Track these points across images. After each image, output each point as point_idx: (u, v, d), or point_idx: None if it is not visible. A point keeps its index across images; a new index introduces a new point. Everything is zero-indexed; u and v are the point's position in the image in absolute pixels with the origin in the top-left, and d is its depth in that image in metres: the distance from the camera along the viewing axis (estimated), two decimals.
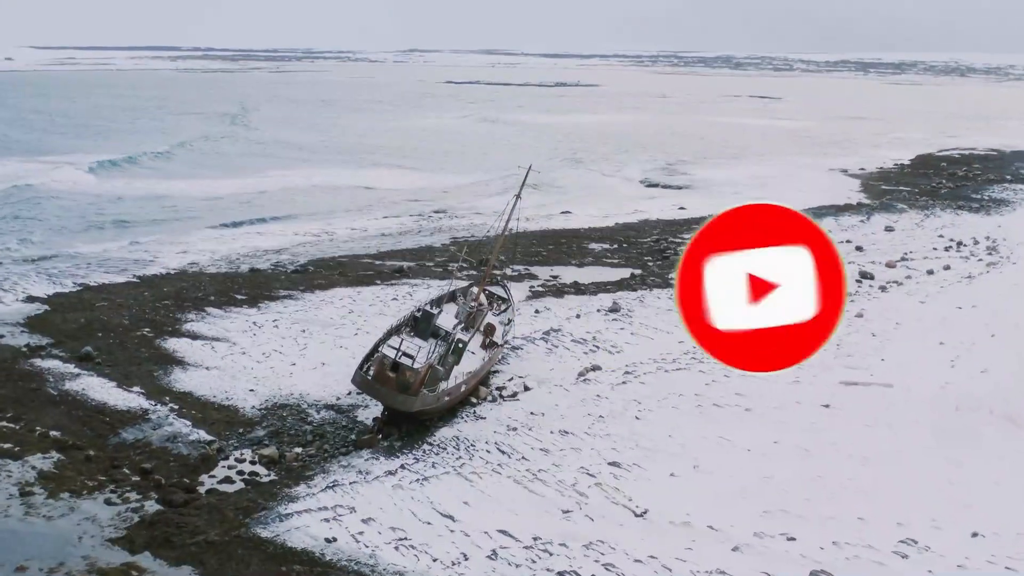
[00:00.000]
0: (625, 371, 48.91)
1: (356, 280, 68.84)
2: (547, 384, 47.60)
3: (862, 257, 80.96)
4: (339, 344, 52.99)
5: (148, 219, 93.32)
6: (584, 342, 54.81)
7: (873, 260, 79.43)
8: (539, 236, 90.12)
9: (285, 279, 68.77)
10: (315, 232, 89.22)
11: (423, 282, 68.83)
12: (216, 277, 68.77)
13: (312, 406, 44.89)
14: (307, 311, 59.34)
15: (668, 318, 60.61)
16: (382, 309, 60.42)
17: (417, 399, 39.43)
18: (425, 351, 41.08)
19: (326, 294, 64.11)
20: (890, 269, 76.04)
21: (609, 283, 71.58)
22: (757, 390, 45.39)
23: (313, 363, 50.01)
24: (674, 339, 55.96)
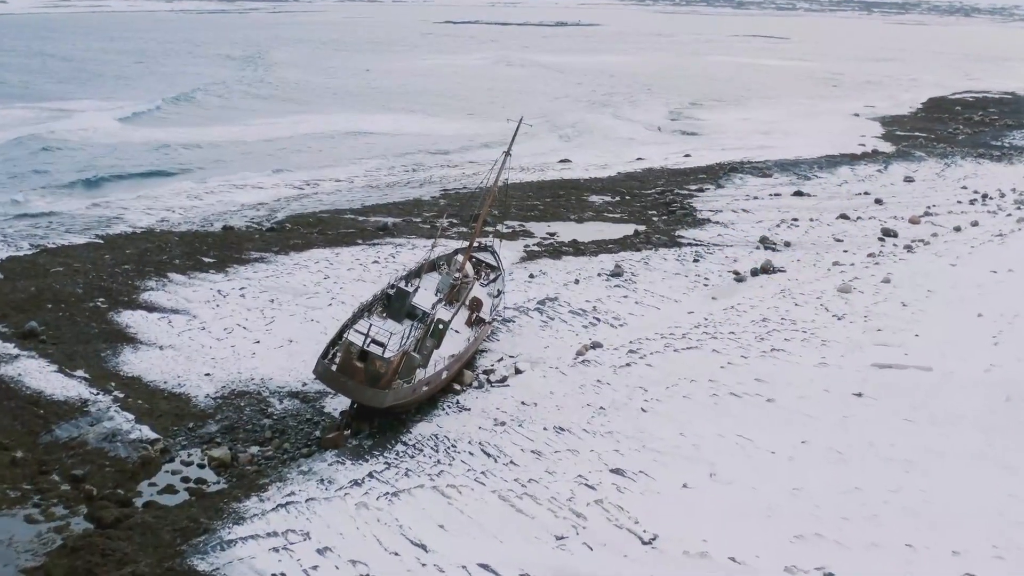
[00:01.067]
0: (629, 349, 43.16)
1: (335, 240, 62.81)
2: (541, 365, 41.89)
3: (883, 212, 74.81)
4: (310, 317, 47.20)
5: (130, 171, 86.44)
6: (583, 313, 48.97)
7: (895, 215, 73.28)
8: (536, 187, 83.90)
9: (259, 239, 62.75)
10: (298, 184, 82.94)
11: (408, 241, 62.85)
12: (185, 237, 62.77)
13: (274, 394, 39.26)
14: (278, 277, 53.43)
15: (676, 283, 54.80)
16: (361, 274, 54.53)
17: (389, 393, 33.78)
18: (399, 336, 35.26)
19: (301, 256, 58.14)
20: (914, 225, 69.94)
21: (611, 242, 65.54)
22: (779, 374, 39.71)
23: (279, 340, 44.28)
24: (683, 309, 50.25)
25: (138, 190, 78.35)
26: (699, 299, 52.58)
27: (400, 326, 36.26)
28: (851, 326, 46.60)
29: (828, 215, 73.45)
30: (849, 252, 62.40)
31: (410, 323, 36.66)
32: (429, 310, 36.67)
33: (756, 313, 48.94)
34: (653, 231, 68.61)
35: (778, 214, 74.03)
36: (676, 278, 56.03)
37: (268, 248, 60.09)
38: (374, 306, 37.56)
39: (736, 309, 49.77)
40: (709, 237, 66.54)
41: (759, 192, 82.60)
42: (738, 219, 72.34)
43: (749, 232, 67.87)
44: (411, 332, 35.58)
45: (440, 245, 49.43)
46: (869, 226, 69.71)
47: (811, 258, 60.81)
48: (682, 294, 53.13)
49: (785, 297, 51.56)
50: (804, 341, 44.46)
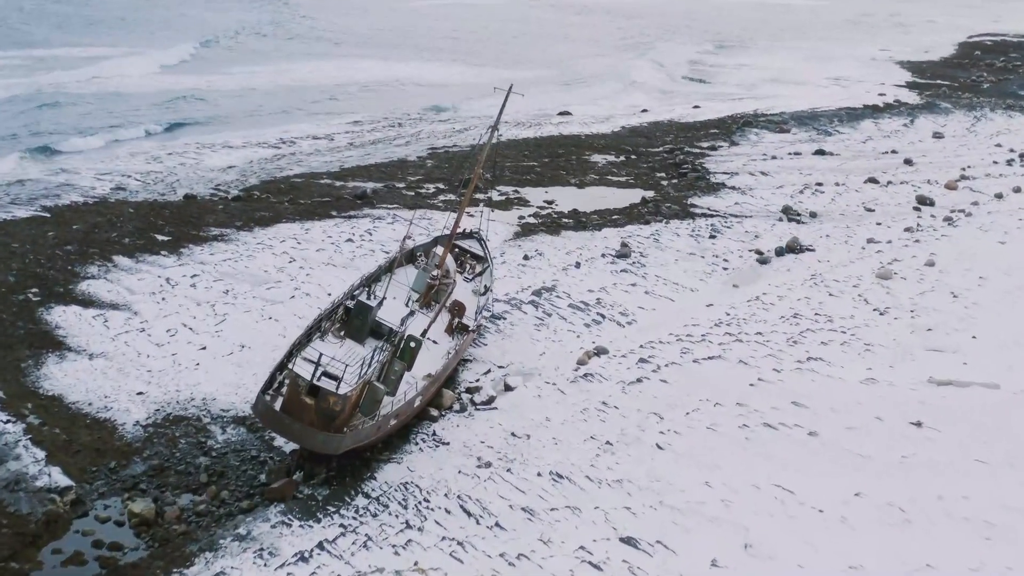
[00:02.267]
0: (640, 358, 36.48)
1: (307, 211, 55.75)
2: (535, 380, 35.28)
3: (915, 174, 67.62)
4: (268, 314, 40.42)
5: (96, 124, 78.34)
6: (585, 308, 42.20)
7: (928, 179, 66.11)
8: (532, 145, 76.54)
9: (222, 210, 55.66)
10: (274, 142, 75.43)
11: (388, 214, 55.79)
12: (141, 208, 55.62)
13: (216, 420, 32.68)
14: (237, 260, 46.49)
15: (691, 266, 47.94)
16: (331, 256, 47.62)
17: (345, 437, 27.21)
18: (360, 362, 28.49)
19: (266, 233, 51.14)
20: (951, 192, 62.84)
21: (616, 212, 58.53)
22: (819, 394, 33.08)
23: (229, 346, 37.57)
24: (700, 300, 43.49)
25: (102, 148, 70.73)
26: (718, 287, 45.80)
27: (361, 348, 29.52)
28: (896, 324, 39.90)
29: (855, 179, 66.30)
30: (883, 225, 55.46)
31: (375, 344, 29.88)
32: (397, 327, 29.83)
33: (785, 306, 42.20)
34: (663, 199, 61.52)
35: (800, 177, 66.85)
36: (691, 259, 49.14)
37: (231, 222, 53.07)
38: (330, 322, 30.61)
39: (762, 301, 43.00)
40: (725, 206, 59.47)
41: (777, 151, 75.29)
42: (756, 184, 65.16)
43: (770, 200, 60.78)
44: (375, 356, 28.82)
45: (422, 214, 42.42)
46: (902, 193, 62.62)
47: (841, 233, 53.87)
48: (698, 280, 46.31)
49: (817, 285, 44.73)
50: (844, 345, 37.78)
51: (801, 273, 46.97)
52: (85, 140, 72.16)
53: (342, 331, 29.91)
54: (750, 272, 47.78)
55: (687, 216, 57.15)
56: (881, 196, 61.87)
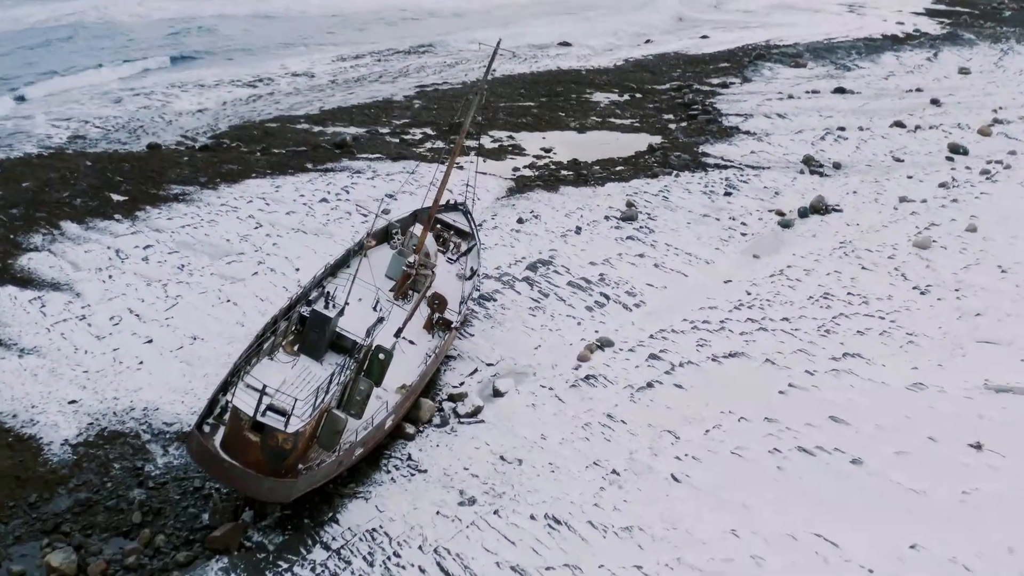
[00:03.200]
0: (650, 354, 31.50)
1: (280, 164, 50.08)
2: (529, 382, 30.33)
3: (943, 117, 61.75)
4: (226, 295, 35.22)
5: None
6: (587, 285, 37.03)
7: (959, 122, 60.29)
8: (529, 82, 70.38)
9: (187, 163, 49.98)
10: (251, 80, 69.10)
11: (369, 166, 50.20)
12: (100, 161, 49.80)
13: (158, 437, 27.77)
14: (197, 226, 41.09)
15: (705, 231, 42.64)
16: (302, 220, 42.22)
17: (298, 482, 22.34)
18: (317, 387, 23.39)
19: (232, 191, 45.58)
20: (985, 138, 57.16)
21: (620, 162, 52.95)
22: (861, 406, 28.20)
23: (179, 338, 32.46)
24: (717, 274, 38.35)
25: (68, 91, 64.42)
26: (736, 257, 40.56)
27: (319, 367, 24.42)
28: (941, 307, 34.90)
29: (880, 121, 60.48)
30: (915, 179, 49.97)
31: (336, 361, 24.74)
32: (363, 339, 24.65)
33: (814, 283, 37.11)
34: (671, 146, 55.85)
35: (820, 120, 60.99)
36: (705, 223, 43.80)
37: (195, 178, 47.48)
38: (280, 334, 25.33)
39: (786, 276, 37.87)
40: (741, 155, 53.82)
41: (794, 88, 69.19)
42: (773, 128, 59.34)
43: (789, 148, 55.09)
44: (336, 377, 23.75)
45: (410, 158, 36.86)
46: (931, 139, 56.90)
47: (870, 189, 48.42)
48: (714, 249, 41.04)
49: (848, 256, 39.55)
50: (885, 336, 32.80)
51: (829, 240, 41.73)
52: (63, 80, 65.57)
53: (296, 345, 24.77)
54: (771, 239, 42.48)
55: (699, 167, 51.59)
56: (910, 143, 56.19)
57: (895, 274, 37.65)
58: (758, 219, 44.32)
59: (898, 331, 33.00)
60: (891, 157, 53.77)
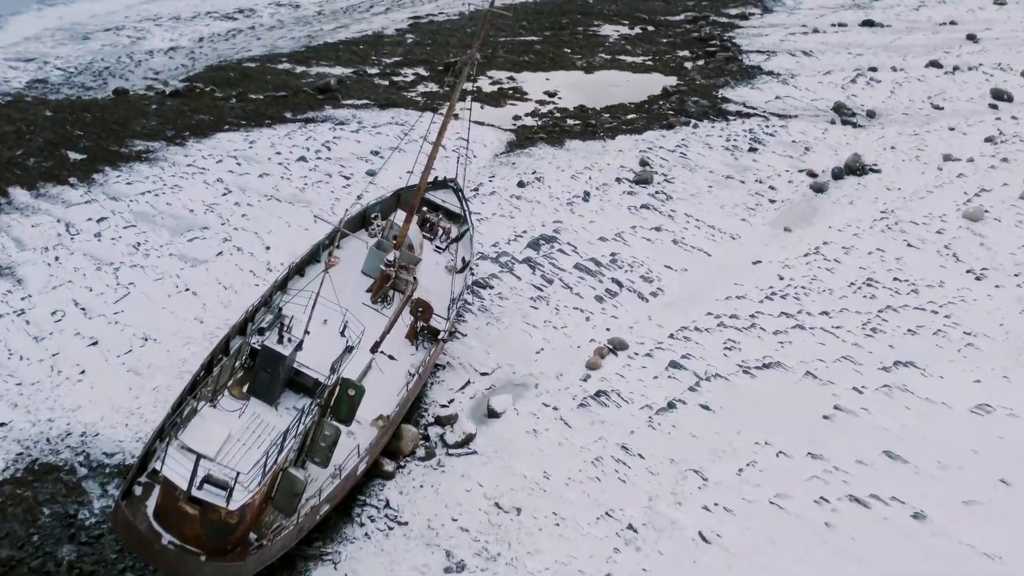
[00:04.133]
0: (671, 362, 26.88)
1: (255, 114, 44.80)
2: (530, 397, 25.77)
3: (982, 55, 55.91)
4: (185, 283, 30.40)
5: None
6: (597, 269, 32.21)
7: (999, 62, 54.51)
8: (532, 11, 64.32)
9: (155, 112, 44.68)
10: (231, 12, 63.18)
11: (354, 116, 44.94)
12: (60, 110, 44.47)
13: (96, 472, 23.38)
14: (159, 193, 36.04)
15: (729, 197, 37.68)
16: (277, 185, 37.19)
17: (247, 565, 17.96)
18: (269, 443, 18.83)
19: (201, 148, 40.41)
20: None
21: (631, 109, 47.59)
22: (919, 434, 23.71)
23: (128, 339, 27.76)
24: (744, 252, 33.52)
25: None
26: (766, 230, 35.66)
27: (273, 414, 19.80)
28: (1000, 296, 30.23)
29: (913, 60, 54.72)
30: (957, 131, 44.66)
31: (294, 403, 20.12)
32: (326, 377, 19.96)
33: (854, 264, 32.34)
34: (688, 88, 50.35)
35: (849, 59, 55.22)
36: (728, 186, 38.75)
37: (161, 131, 42.27)
38: (224, 372, 20.56)
39: (823, 255, 33.06)
40: (765, 101, 48.37)
41: (818, 20, 63.10)
42: (799, 68, 53.64)
43: (817, 93, 49.57)
44: (294, 429, 19.17)
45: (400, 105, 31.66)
46: (972, 82, 51.28)
47: (909, 144, 43.16)
48: (740, 220, 36.09)
49: (891, 229, 34.68)
50: (939, 336, 28.17)
51: (868, 208, 36.76)
52: None
53: (245, 385, 20.11)
54: (804, 206, 37.49)
55: (719, 116, 46.22)
56: (948, 87, 50.62)
57: (945, 253, 32.85)
58: (787, 182, 39.24)
59: (954, 329, 28.35)
60: (929, 104, 48.32)
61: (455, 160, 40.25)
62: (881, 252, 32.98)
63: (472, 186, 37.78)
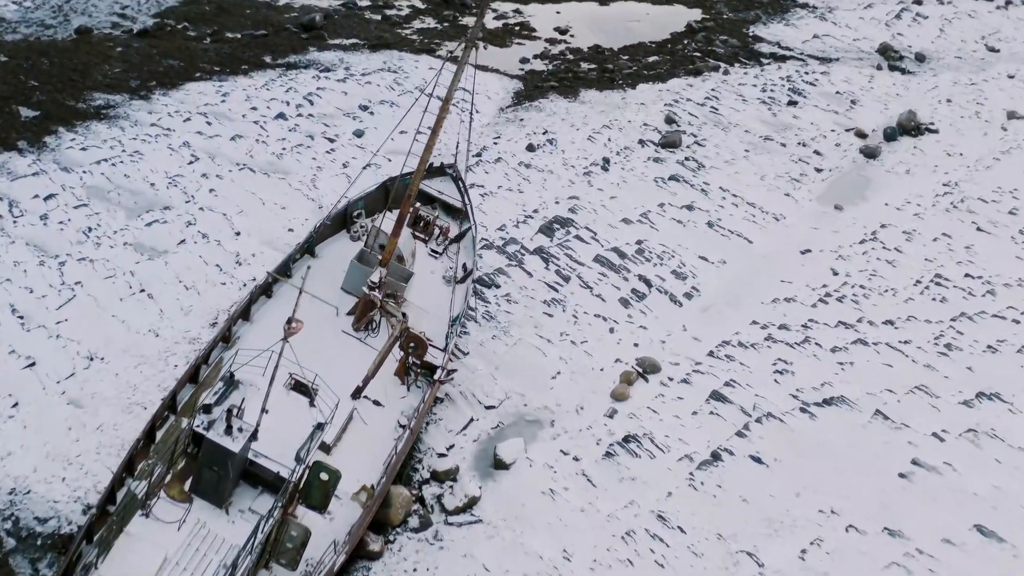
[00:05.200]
0: (712, 392, 22.31)
1: (231, 58, 39.18)
2: (544, 439, 21.30)
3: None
4: (140, 281, 25.49)
5: None
6: (620, 262, 27.30)
7: None
8: None
9: (119, 56, 39.06)
10: None
11: (342, 60, 39.41)
12: (15, 55, 38.52)
13: (27, 543, 19.04)
14: (117, 162, 30.77)
15: (769, 164, 32.62)
16: (252, 149, 31.98)
17: None
18: (216, 561, 14.41)
19: (168, 103, 35.00)
20: None
21: (653, 50, 41.93)
22: (1016, 496, 19.31)
23: (70, 359, 23.05)
24: (790, 238, 28.67)
25: None
26: (813, 208, 30.72)
27: (223, 521, 15.33)
28: None
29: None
30: (1017, 79, 39.28)
31: (248, 506, 15.63)
32: (291, 471, 15.36)
33: (918, 255, 27.65)
34: (715, 25, 44.52)
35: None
36: (768, 150, 33.57)
37: (125, 81, 36.80)
38: (164, 460, 15.91)
39: (881, 243, 28.22)
40: (802, 41, 42.65)
41: None
42: (837, 0, 47.56)
43: (859, 31, 43.76)
44: (251, 546, 14.70)
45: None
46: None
47: (967, 96, 37.77)
48: (783, 195, 31.07)
49: (957, 208, 29.77)
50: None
51: (928, 180, 31.74)
52: None
53: (187, 480, 15.57)
54: (855, 177, 32.42)
55: (751, 58, 40.64)
56: (1003, 25, 44.86)
57: (1021, 241, 27.93)
58: (834, 144, 34.02)
59: None
60: (984, 46, 42.68)
61: (455, 115, 35.06)
62: (948, 239, 28.13)
63: (475, 150, 32.63)
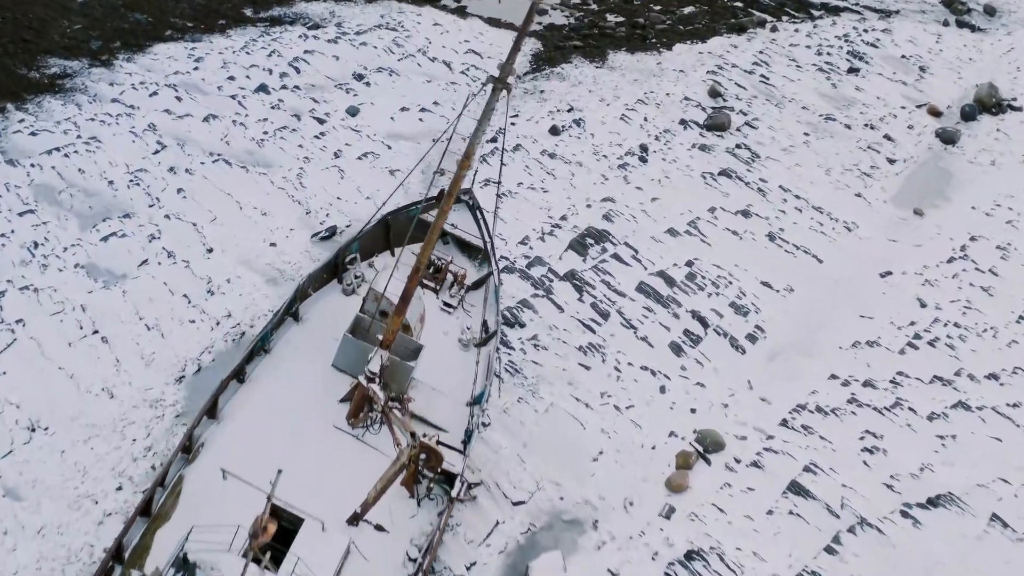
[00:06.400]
0: (791, 483, 17.72)
1: (206, 11, 33.40)
2: (584, 555, 16.77)
3: None
4: (92, 320, 20.53)
5: None
6: (668, 293, 22.23)
7: None
8: None
9: (80, 8, 33.27)
10: None
11: (332, 14, 33.72)
12: None
13: None
14: (71, 152, 25.47)
15: (833, 151, 27.42)
16: (227, 134, 26.66)
17: None
18: None
19: (133, 71, 29.44)
20: None
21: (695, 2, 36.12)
22: None
23: (8, 429, 18.15)
24: (864, 249, 23.81)
25: None
26: (889, 212, 25.65)
27: None
28: None
29: None
30: None
31: None
32: None
33: (1018, 280, 22.67)
34: None
35: None
36: (831, 132, 28.28)
37: (85, 43, 31.18)
38: None
39: (973, 261, 23.41)
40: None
41: None
42: None
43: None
44: None
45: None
46: None
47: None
48: (853, 195, 25.94)
49: None
50: None
51: (1018, 174, 26.55)
52: None
53: None
54: (933, 169, 27.25)
55: (801, 9, 35.04)
56: None
57: None
58: (907, 127, 28.72)
59: None
60: None
61: (464, 87, 29.66)
62: None
63: (488, 135, 27.34)
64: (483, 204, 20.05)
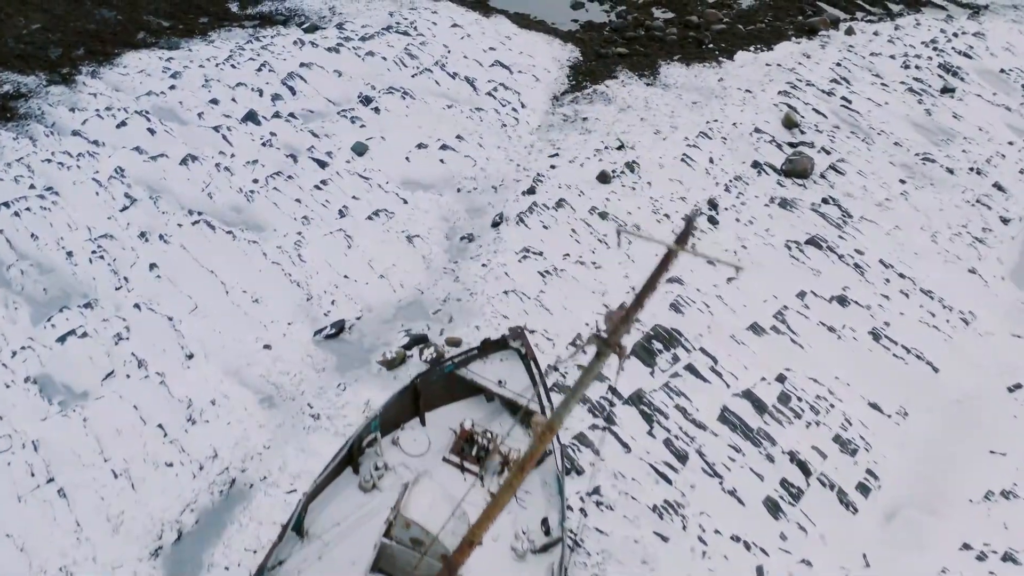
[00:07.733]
0: None
1: (184, 4, 28.08)
2: None
3: None
4: (44, 463, 16.12)
5: None
6: (758, 426, 17.65)
7: None
8: None
9: (40, 2, 27.95)
10: None
11: (333, 6, 28.25)
12: None
13: None
14: (22, 209, 20.75)
15: (936, 206, 22.78)
16: (209, 180, 21.77)
17: None
18: None
19: (99, 89, 24.40)
20: None
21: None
22: None
23: None
24: (983, 350, 19.59)
25: None
26: (1007, 292, 20.97)
27: None
28: None
29: None
30: None
31: None
32: None
33: None
34: None
35: None
36: (931, 178, 23.38)
37: (43, 48, 26.02)
38: None
39: None
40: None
41: None
42: None
43: None
44: None
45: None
46: None
47: None
48: (966, 271, 21.20)
49: None
50: None
51: None
52: None
53: None
54: None
55: (876, 3, 29.52)
56: None
57: None
58: (1017, 169, 23.78)
59: None
60: None
61: (492, 113, 24.56)
62: None
63: (524, 183, 22.37)
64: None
